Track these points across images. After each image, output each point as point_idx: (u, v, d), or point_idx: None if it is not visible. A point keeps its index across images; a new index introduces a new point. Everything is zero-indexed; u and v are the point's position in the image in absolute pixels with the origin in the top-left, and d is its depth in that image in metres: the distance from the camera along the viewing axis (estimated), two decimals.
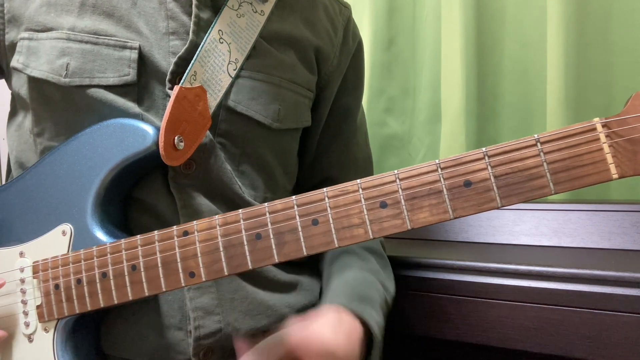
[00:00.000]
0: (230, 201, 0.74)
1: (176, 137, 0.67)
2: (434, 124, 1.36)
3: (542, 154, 0.50)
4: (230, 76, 0.73)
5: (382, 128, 1.44)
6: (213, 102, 0.72)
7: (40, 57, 0.70)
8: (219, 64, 0.72)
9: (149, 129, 0.66)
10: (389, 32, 1.44)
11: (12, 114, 0.80)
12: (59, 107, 0.71)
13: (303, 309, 0.79)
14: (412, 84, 1.44)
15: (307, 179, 0.90)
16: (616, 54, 1.17)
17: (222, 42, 0.72)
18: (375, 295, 0.75)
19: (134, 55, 0.69)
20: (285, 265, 0.79)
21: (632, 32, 1.15)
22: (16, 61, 0.72)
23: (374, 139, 1.00)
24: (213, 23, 0.72)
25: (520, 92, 1.28)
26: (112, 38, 0.69)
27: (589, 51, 1.17)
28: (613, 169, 0.49)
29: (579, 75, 1.16)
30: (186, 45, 0.70)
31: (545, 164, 0.50)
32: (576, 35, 1.16)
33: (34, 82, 0.71)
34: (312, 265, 0.88)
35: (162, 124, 0.66)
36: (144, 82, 0.70)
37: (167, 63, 0.70)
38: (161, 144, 0.66)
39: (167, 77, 0.70)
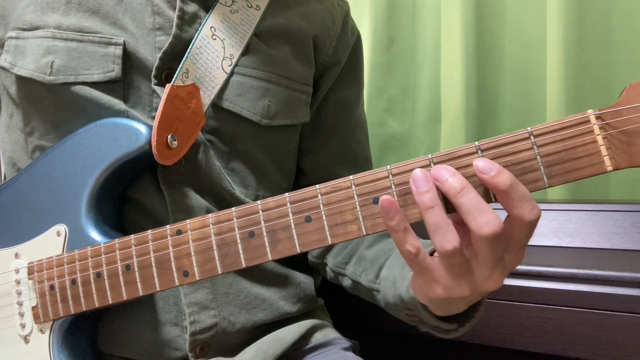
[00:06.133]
0: (220, 198, 0.73)
1: (169, 136, 0.67)
2: (434, 124, 1.36)
3: (535, 147, 0.49)
4: (225, 72, 0.73)
5: (382, 128, 1.44)
6: (207, 99, 0.71)
7: (26, 56, 0.70)
8: (212, 60, 0.72)
9: (142, 128, 0.66)
10: (389, 32, 1.44)
11: (3, 114, 0.80)
12: (47, 106, 0.71)
13: (299, 302, 0.79)
14: (412, 84, 1.44)
15: (312, 175, 0.89)
16: (616, 54, 1.17)
17: (215, 39, 0.72)
18: None
19: (119, 51, 0.69)
20: (281, 259, 0.79)
21: (632, 32, 1.15)
22: (4, 60, 0.73)
23: (374, 139, 0.99)
24: (205, 19, 0.72)
25: (520, 92, 1.28)
26: (97, 35, 0.69)
27: (589, 51, 1.17)
28: (607, 161, 0.48)
29: (579, 75, 1.16)
30: (170, 39, 0.70)
31: (538, 157, 0.49)
32: (576, 35, 1.16)
33: (21, 81, 0.71)
34: (307, 259, 0.87)
35: (155, 123, 0.66)
36: (130, 79, 0.70)
37: (153, 59, 0.70)
38: (154, 143, 0.65)
39: (153, 73, 0.69)
